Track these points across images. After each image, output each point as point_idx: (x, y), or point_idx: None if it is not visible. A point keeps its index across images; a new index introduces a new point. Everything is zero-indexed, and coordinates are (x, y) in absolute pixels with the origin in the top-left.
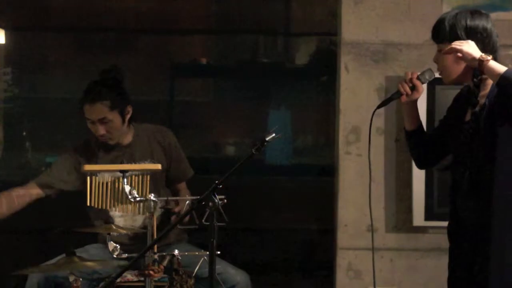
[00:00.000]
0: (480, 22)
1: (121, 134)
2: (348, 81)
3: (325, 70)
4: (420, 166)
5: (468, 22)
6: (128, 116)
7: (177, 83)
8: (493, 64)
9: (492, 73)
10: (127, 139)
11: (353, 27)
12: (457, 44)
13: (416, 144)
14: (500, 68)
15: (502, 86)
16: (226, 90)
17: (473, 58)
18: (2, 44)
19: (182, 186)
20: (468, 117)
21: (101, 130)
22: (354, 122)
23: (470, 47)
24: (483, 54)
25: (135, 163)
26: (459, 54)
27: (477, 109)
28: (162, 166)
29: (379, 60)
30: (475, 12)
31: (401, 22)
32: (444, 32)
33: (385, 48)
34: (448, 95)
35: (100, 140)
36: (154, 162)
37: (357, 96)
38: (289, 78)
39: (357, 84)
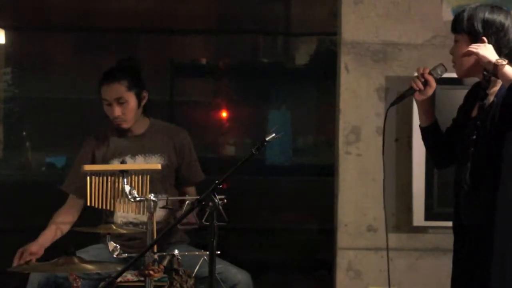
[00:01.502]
0: (498, 17)
1: (135, 119)
2: (348, 81)
3: (325, 70)
4: (438, 167)
5: (486, 15)
6: (144, 101)
7: (177, 83)
8: (508, 69)
9: (506, 78)
10: (140, 128)
11: (353, 27)
12: (473, 47)
13: (433, 142)
14: None
15: None
16: (226, 90)
17: (489, 62)
18: (2, 44)
19: (191, 190)
20: (475, 112)
21: (117, 111)
22: (354, 122)
23: (486, 50)
24: (499, 58)
25: (144, 154)
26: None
27: (485, 104)
28: (172, 165)
29: (379, 60)
30: (495, 7)
31: (401, 22)
32: (461, 23)
33: (385, 48)
34: (449, 95)
35: (115, 123)
36: (163, 157)
37: (357, 96)
38: (289, 78)
39: (357, 84)
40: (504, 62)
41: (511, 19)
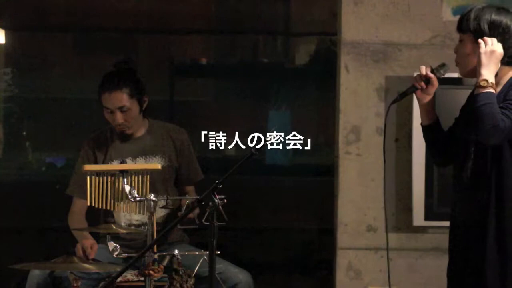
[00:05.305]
0: (504, 19)
1: (137, 123)
2: (348, 81)
3: (325, 70)
4: (437, 164)
5: (493, 16)
6: (145, 105)
7: (177, 83)
8: (482, 95)
9: (475, 99)
10: (140, 130)
11: (353, 27)
12: (488, 43)
13: (433, 140)
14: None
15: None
16: (226, 90)
17: (479, 74)
18: (2, 44)
19: (191, 189)
20: None
21: (120, 119)
22: (354, 122)
23: (490, 63)
24: (485, 80)
25: (145, 156)
26: (481, 50)
27: None
28: (172, 164)
29: (379, 60)
30: (501, 8)
31: (401, 22)
32: (467, 22)
33: (385, 48)
34: (449, 95)
35: (118, 130)
36: (164, 158)
37: (357, 96)
38: (289, 78)
39: (357, 84)
40: (486, 84)
41: None
